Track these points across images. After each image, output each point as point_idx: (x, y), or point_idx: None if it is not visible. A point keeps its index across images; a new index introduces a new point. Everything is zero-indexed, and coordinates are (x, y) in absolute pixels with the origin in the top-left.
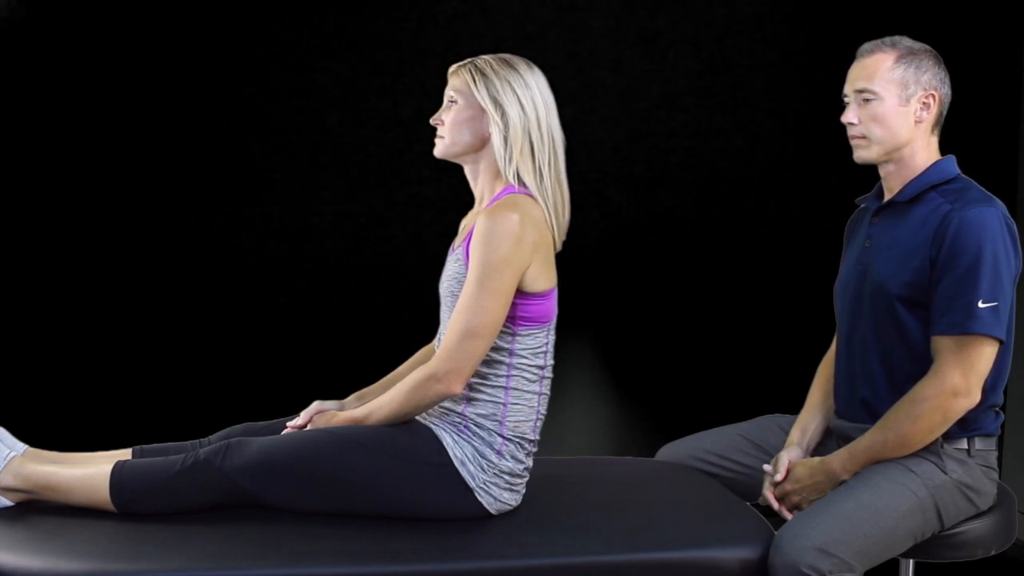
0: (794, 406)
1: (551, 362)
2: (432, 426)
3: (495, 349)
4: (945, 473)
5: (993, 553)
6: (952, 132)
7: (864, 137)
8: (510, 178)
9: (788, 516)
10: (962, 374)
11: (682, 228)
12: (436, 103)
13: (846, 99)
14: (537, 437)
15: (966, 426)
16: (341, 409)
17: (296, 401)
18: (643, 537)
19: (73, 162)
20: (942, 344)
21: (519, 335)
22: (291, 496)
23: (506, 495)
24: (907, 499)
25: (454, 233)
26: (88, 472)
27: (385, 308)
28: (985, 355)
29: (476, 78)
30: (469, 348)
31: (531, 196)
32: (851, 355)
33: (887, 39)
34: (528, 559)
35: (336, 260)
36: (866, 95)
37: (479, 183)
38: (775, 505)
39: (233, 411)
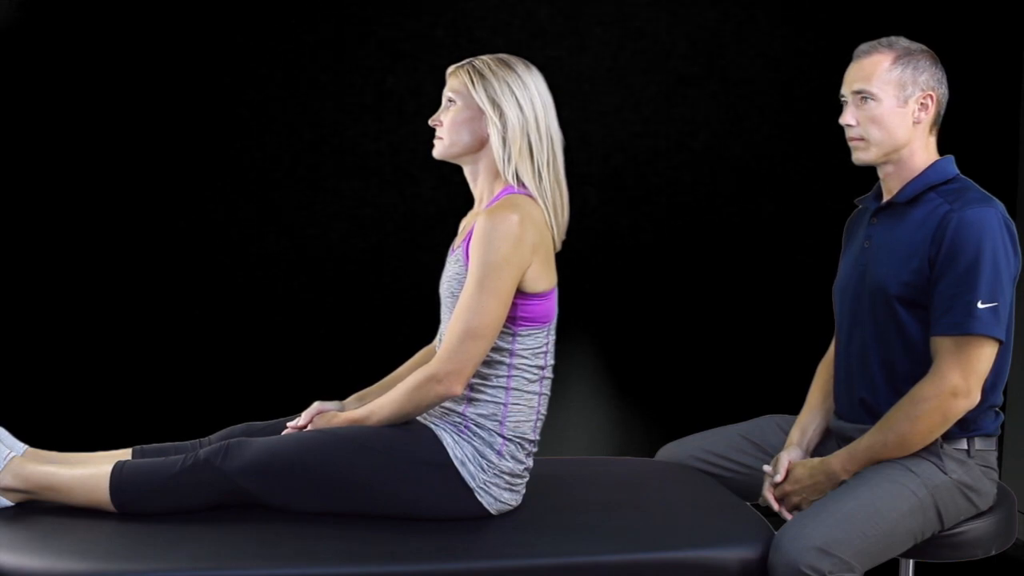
0: (794, 406)
1: (551, 362)
2: (432, 426)
3: (495, 349)
4: (945, 473)
5: (993, 553)
6: (952, 132)
7: (862, 139)
8: (509, 178)
9: (788, 516)
10: (962, 375)
11: (682, 228)
12: (435, 104)
13: (844, 100)
14: (537, 437)
15: (966, 426)
16: (341, 410)
17: (296, 401)
18: (643, 537)
19: (73, 163)
20: (942, 344)
21: (519, 335)
22: (291, 496)
23: (506, 495)
24: (907, 499)
25: (454, 234)
26: (88, 472)
27: (385, 309)
28: (985, 355)
29: (474, 79)
30: (470, 349)
31: (530, 196)
32: (850, 355)
33: (884, 40)
34: (528, 559)
35: (336, 260)
36: (864, 96)
37: (478, 184)
38: (775, 506)
39: (233, 411)
